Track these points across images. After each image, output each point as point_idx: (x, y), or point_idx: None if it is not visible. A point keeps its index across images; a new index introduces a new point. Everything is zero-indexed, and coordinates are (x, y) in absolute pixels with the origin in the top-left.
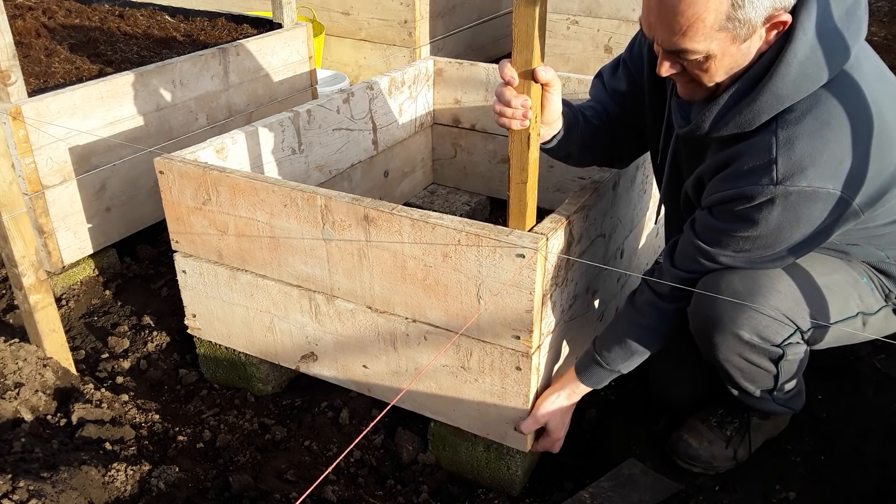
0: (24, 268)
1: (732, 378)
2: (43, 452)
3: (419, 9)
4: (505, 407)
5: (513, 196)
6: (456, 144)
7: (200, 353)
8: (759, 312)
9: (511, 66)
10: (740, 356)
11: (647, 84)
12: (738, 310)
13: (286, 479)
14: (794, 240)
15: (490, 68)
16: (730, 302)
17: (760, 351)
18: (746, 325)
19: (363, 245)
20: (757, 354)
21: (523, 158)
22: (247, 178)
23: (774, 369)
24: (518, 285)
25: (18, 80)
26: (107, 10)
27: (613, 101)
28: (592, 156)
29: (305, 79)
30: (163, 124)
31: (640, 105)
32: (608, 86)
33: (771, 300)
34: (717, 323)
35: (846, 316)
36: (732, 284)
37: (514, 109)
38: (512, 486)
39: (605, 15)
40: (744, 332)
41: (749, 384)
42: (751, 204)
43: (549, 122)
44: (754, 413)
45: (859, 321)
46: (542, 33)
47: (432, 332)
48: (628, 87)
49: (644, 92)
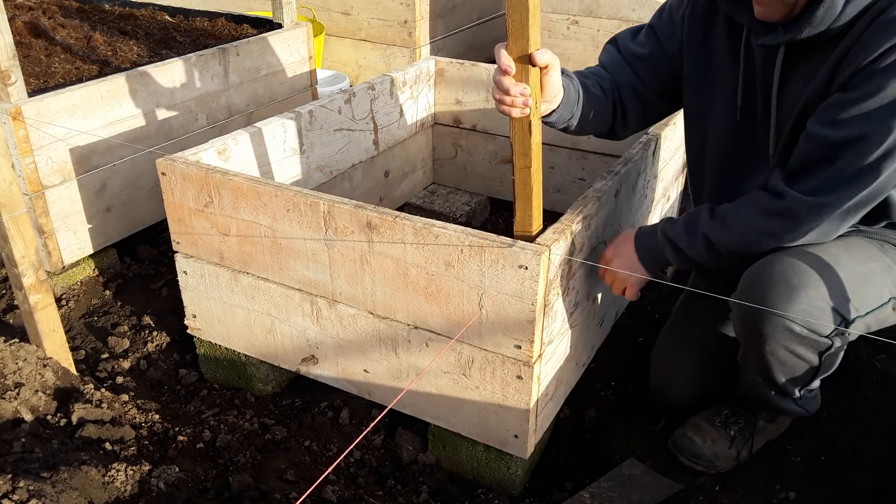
0: (24, 268)
1: (770, 372)
2: (43, 452)
3: (419, 9)
4: (506, 415)
5: (518, 181)
6: (456, 144)
7: (200, 354)
8: (810, 304)
9: (507, 53)
10: (787, 349)
11: (687, 45)
12: (789, 300)
13: (286, 479)
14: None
15: (491, 69)
16: (782, 294)
17: (808, 343)
18: (798, 317)
19: (365, 251)
20: (804, 347)
21: (525, 144)
22: (249, 182)
23: (818, 362)
24: (520, 295)
25: (18, 80)
26: (107, 10)
27: (629, 65)
28: (591, 127)
29: (305, 79)
30: (163, 124)
31: (659, 71)
32: (624, 50)
33: (821, 291)
34: (768, 312)
35: (880, 303)
36: (786, 277)
37: (513, 97)
38: (512, 486)
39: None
40: (794, 325)
41: (785, 378)
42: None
43: (548, 100)
44: (763, 415)
45: (890, 307)
46: (535, 20)
47: (434, 339)
48: (650, 51)
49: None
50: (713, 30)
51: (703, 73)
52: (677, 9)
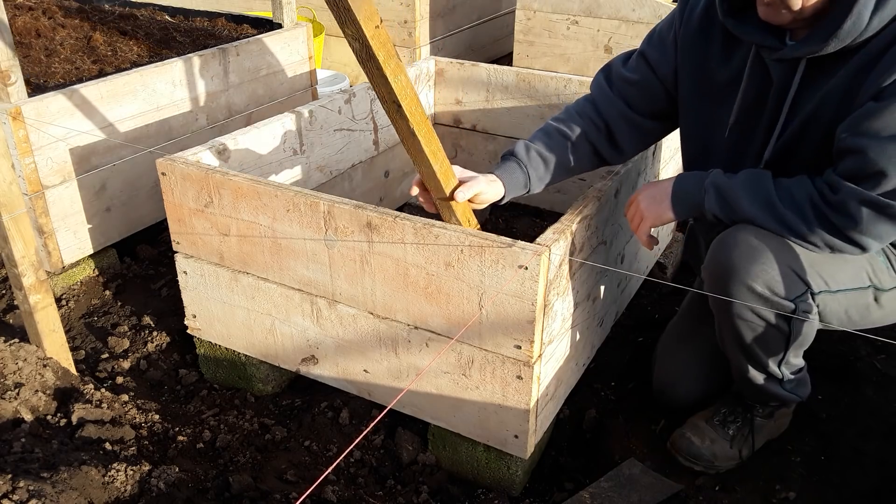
0: (24, 268)
1: (743, 340)
2: (43, 452)
3: (419, 9)
4: (506, 415)
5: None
6: (456, 145)
7: (200, 354)
8: (772, 266)
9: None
10: (752, 310)
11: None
12: (751, 262)
13: (286, 479)
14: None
15: (491, 69)
16: (743, 254)
17: (772, 304)
18: (759, 277)
19: (365, 251)
20: (768, 308)
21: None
22: (249, 182)
23: (787, 328)
24: (520, 295)
25: (18, 80)
26: (107, 10)
27: (619, 92)
28: (576, 171)
29: (305, 79)
30: (163, 124)
31: (651, 95)
32: (616, 76)
33: (785, 257)
34: (730, 273)
35: (857, 286)
36: (748, 240)
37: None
38: (512, 486)
39: (605, 15)
40: (756, 284)
41: (759, 348)
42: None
43: (493, 200)
44: (759, 411)
45: (870, 294)
46: (441, 158)
47: (434, 339)
48: (641, 76)
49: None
50: (710, 45)
51: (702, 90)
52: (667, 31)
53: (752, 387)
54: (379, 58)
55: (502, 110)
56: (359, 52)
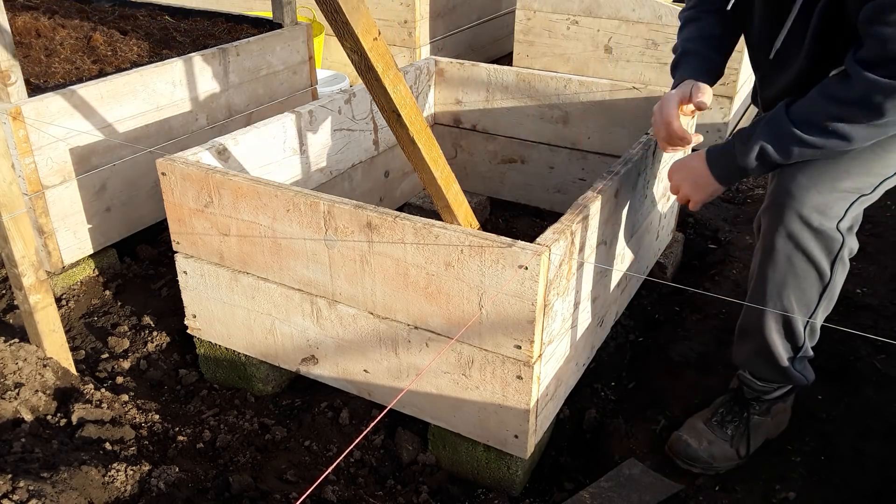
0: (24, 268)
1: (781, 283)
2: (43, 452)
3: (419, 9)
4: (506, 415)
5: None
6: (456, 145)
7: (200, 354)
8: (825, 194)
9: None
10: (797, 245)
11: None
12: (806, 191)
13: (286, 479)
14: None
15: (491, 69)
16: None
17: (820, 237)
18: (809, 203)
19: (365, 251)
20: (815, 241)
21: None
22: (249, 182)
23: (828, 271)
24: (520, 295)
25: (18, 80)
26: (107, 10)
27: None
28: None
29: (305, 79)
30: (163, 124)
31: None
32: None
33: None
34: (787, 198)
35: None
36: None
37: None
38: (512, 486)
39: (605, 15)
40: (805, 210)
41: (795, 299)
42: None
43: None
44: (755, 408)
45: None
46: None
47: (434, 339)
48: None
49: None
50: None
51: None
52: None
53: (763, 358)
54: (378, 69)
55: (502, 110)
56: (358, 64)
